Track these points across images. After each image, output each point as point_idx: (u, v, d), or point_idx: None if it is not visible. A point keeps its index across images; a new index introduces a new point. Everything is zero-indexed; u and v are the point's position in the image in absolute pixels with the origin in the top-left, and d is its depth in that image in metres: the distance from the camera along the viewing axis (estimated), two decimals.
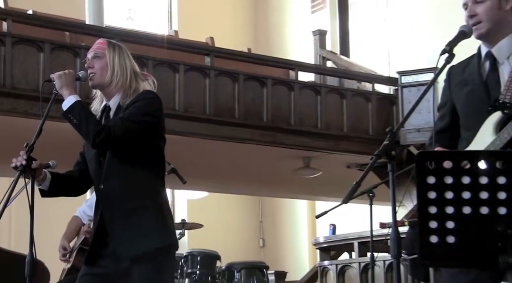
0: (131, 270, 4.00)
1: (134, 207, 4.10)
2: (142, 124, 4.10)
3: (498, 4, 3.66)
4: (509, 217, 2.63)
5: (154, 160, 4.24)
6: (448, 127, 3.88)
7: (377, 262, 8.72)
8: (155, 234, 4.10)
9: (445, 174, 2.65)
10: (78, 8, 11.65)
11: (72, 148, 9.73)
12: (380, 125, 11.33)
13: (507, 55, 3.67)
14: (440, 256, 2.76)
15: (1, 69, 8.78)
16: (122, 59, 4.27)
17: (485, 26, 3.67)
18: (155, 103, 4.24)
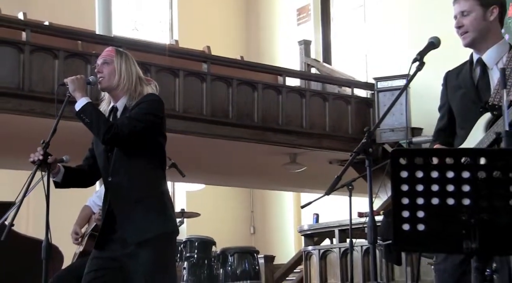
0: (137, 253, 4.01)
1: (139, 196, 4.12)
2: (146, 123, 4.12)
3: (482, 15, 3.71)
4: (472, 207, 2.63)
5: (156, 155, 4.26)
6: (447, 126, 3.92)
7: (356, 247, 8.72)
8: (158, 221, 4.11)
9: (416, 168, 2.65)
10: (89, 20, 11.62)
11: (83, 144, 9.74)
12: (359, 125, 11.35)
13: (496, 61, 3.71)
14: (411, 242, 2.76)
15: (20, 74, 8.77)
16: (128, 66, 4.29)
17: (471, 35, 3.72)
18: (158, 105, 4.25)
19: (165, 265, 4.14)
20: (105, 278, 4.12)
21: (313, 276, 9.74)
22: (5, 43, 8.77)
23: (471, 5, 3.71)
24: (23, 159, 9.24)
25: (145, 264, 4.02)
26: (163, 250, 4.10)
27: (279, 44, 15.77)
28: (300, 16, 15.30)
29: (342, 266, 9.30)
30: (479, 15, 3.71)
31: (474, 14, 3.71)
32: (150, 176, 4.21)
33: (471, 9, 3.71)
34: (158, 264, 4.06)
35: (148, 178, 4.20)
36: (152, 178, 4.22)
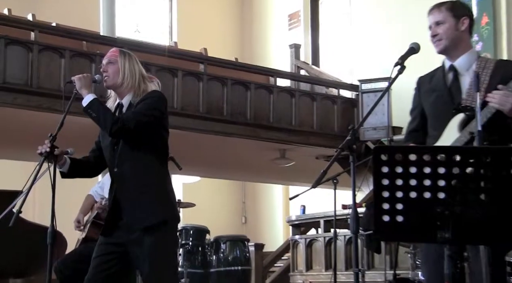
0: (141, 239, 4.04)
1: (142, 186, 4.14)
2: (150, 117, 4.13)
3: (455, 25, 3.78)
4: (446, 200, 2.65)
5: (159, 148, 4.27)
6: (419, 127, 3.96)
7: (339, 236, 8.76)
8: (160, 208, 4.13)
9: (396, 164, 2.66)
10: (93, 22, 11.60)
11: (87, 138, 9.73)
12: (344, 124, 11.37)
13: (467, 68, 3.78)
14: (391, 232, 2.77)
15: (29, 71, 8.76)
16: (132, 65, 4.30)
17: (444, 43, 3.79)
18: (161, 101, 4.27)
19: (167, 250, 4.16)
20: (111, 262, 4.14)
21: (299, 263, 9.77)
22: (15, 43, 8.75)
23: (444, 15, 3.79)
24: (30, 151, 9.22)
25: (149, 249, 4.04)
26: (165, 236, 4.11)
27: (271, 47, 15.77)
28: (291, 21, 15.31)
29: (327, 254, 9.34)
30: (452, 25, 3.78)
31: (448, 24, 3.78)
32: (153, 167, 4.22)
33: (444, 20, 3.79)
34: (161, 248, 4.07)
35: (151, 169, 4.21)
36: (155, 169, 4.23)
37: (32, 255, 6.57)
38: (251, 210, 17.02)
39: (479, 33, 10.44)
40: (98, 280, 4.17)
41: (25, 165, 8.94)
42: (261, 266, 10.52)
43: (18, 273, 6.57)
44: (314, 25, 15.00)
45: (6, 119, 9.23)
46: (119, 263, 4.15)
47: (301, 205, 13.23)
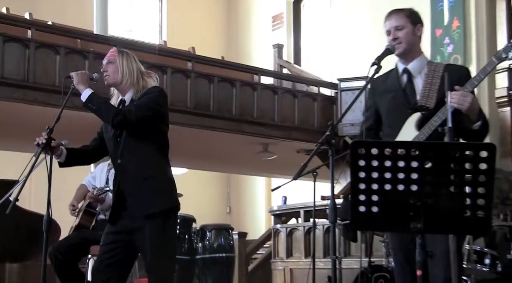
0: (144, 226, 4.11)
1: (145, 177, 4.18)
2: (150, 110, 4.20)
3: (412, 31, 3.90)
4: (419, 192, 2.67)
5: (160, 140, 4.34)
6: (374, 126, 4.00)
7: (318, 226, 8.78)
8: (161, 198, 4.19)
9: (372, 158, 2.68)
10: (87, 21, 11.56)
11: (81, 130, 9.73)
12: (323, 120, 11.39)
13: (419, 71, 3.87)
14: (366, 222, 2.79)
15: (25, 67, 8.72)
16: (130, 63, 4.36)
17: (403, 46, 3.88)
18: (161, 96, 4.38)
19: (167, 237, 4.21)
20: (117, 250, 4.20)
21: (280, 250, 9.79)
22: (12, 40, 8.70)
23: (404, 21, 3.90)
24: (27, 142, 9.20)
25: (150, 236, 4.10)
26: (165, 224, 4.17)
27: (255, 47, 15.77)
28: (274, 23, 15.32)
29: (306, 242, 9.36)
30: (410, 31, 3.89)
31: (407, 29, 3.89)
32: (154, 159, 4.27)
33: (404, 25, 3.89)
34: (161, 236, 4.14)
35: (152, 160, 4.26)
36: (156, 161, 4.28)
37: (28, 241, 6.55)
38: (235, 201, 17.03)
39: (450, 36, 10.49)
40: (105, 266, 4.22)
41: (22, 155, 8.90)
42: (244, 254, 10.54)
43: (15, 258, 6.54)
44: (296, 26, 15.02)
45: (4, 112, 9.19)
46: (124, 250, 4.21)
47: (282, 196, 13.29)
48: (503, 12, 9.85)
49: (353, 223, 2.82)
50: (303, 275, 8.67)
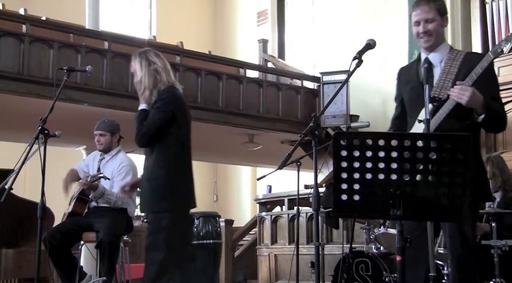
0: (150, 220, 4.54)
1: (152, 178, 4.53)
2: (160, 122, 4.50)
3: (441, 23, 3.77)
4: (398, 181, 2.67)
5: (172, 143, 4.59)
6: (401, 114, 3.97)
7: (302, 213, 8.80)
8: (161, 200, 4.49)
9: (354, 148, 2.68)
10: (80, 16, 11.49)
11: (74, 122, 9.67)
12: (306, 112, 11.40)
13: (440, 60, 3.75)
14: (348, 210, 2.80)
15: (20, 61, 8.66)
16: (143, 73, 4.66)
17: (433, 39, 3.76)
18: (170, 102, 4.57)
19: (159, 235, 4.46)
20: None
21: (265, 237, 9.79)
22: (8, 35, 8.64)
23: (434, 14, 3.74)
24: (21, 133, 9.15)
25: (148, 232, 4.51)
26: (160, 224, 4.47)
27: (241, 41, 15.74)
28: (259, 18, 15.28)
29: (290, 229, 9.36)
30: (439, 23, 3.77)
31: (436, 22, 3.75)
32: (164, 162, 4.51)
33: (434, 17, 3.75)
34: (153, 233, 4.50)
35: (161, 164, 4.49)
36: (165, 164, 4.51)
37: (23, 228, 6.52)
38: (222, 189, 17.03)
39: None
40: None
41: (16, 145, 8.87)
42: (230, 240, 10.54)
43: (10, 244, 6.51)
44: (280, 22, 14.99)
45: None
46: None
47: (267, 185, 13.29)
48: (477, 9, 9.87)
49: (335, 210, 2.83)
50: (287, 261, 8.70)
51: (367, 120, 9.88)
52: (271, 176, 5.26)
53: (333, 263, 6.58)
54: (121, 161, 6.22)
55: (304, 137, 3.75)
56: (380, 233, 5.95)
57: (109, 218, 5.93)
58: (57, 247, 5.77)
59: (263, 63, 13.51)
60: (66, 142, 10.26)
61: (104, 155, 6.32)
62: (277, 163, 4.19)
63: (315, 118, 3.67)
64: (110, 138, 6.28)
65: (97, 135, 6.29)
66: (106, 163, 6.27)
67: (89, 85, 9.17)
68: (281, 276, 9.38)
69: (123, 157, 6.29)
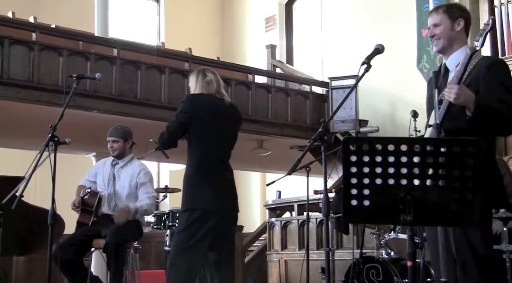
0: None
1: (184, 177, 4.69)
2: (176, 126, 4.68)
3: (451, 26, 3.77)
4: (408, 186, 2.66)
5: (192, 145, 4.71)
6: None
7: (311, 219, 8.78)
8: (184, 199, 4.63)
9: (363, 154, 2.67)
10: (89, 24, 11.54)
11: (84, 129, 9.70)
12: (315, 117, 11.39)
13: (456, 64, 3.73)
14: (358, 215, 2.79)
15: (30, 69, 8.70)
16: (191, 81, 4.98)
17: (442, 42, 3.78)
18: (186, 105, 4.70)
19: (179, 232, 4.59)
20: None
21: (275, 243, 9.78)
22: (18, 43, 8.69)
23: (441, 18, 3.79)
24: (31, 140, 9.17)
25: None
26: (181, 221, 4.65)
27: (249, 47, 15.75)
28: (267, 24, 15.30)
29: (300, 234, 9.35)
30: (448, 26, 3.77)
31: (444, 25, 3.78)
32: (189, 162, 4.68)
33: (441, 22, 3.79)
34: (177, 229, 4.72)
35: (188, 164, 4.68)
36: (188, 164, 4.68)
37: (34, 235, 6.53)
38: None
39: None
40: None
41: (27, 153, 8.89)
42: (240, 246, 10.53)
43: (21, 251, 6.52)
44: (288, 27, 15.00)
45: (10, 111, 9.17)
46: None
47: (277, 190, 13.28)
48: (486, 13, 9.85)
49: (346, 216, 2.81)
50: (297, 266, 8.68)
51: (376, 125, 9.88)
52: (280, 182, 5.25)
53: (344, 269, 6.56)
54: (141, 168, 6.27)
55: (314, 143, 3.74)
56: (391, 238, 5.92)
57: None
58: (67, 261, 5.76)
59: (271, 69, 13.51)
60: (76, 149, 10.29)
61: (118, 161, 6.33)
62: (286, 168, 4.18)
63: (324, 123, 3.67)
64: (123, 144, 6.30)
65: (110, 141, 6.30)
66: (120, 169, 6.29)
67: (98, 92, 9.20)
68: (291, 282, 9.36)
69: (140, 164, 6.33)
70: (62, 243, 5.99)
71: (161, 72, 9.94)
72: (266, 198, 14.05)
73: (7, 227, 4.77)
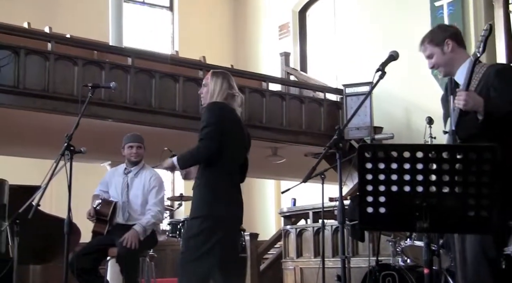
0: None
1: (196, 184, 4.63)
2: (205, 141, 4.57)
3: (441, 52, 3.82)
4: (424, 193, 2.66)
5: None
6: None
7: (327, 226, 8.75)
8: (195, 207, 4.57)
9: (379, 161, 2.67)
10: (104, 33, 11.60)
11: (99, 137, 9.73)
12: (330, 124, 11.38)
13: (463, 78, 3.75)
14: (374, 222, 2.78)
15: (45, 78, 8.76)
16: (216, 85, 4.71)
17: (442, 69, 3.86)
18: (210, 116, 4.62)
19: (190, 237, 4.53)
20: None
21: (290, 250, 9.76)
22: (33, 53, 8.75)
23: (429, 49, 3.87)
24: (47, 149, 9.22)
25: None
26: (191, 228, 4.55)
27: (263, 55, 15.76)
28: (281, 32, 15.31)
29: (315, 242, 9.33)
30: (439, 54, 3.83)
31: (435, 54, 3.84)
32: (203, 170, 4.62)
33: (431, 52, 3.86)
34: (186, 235, 4.66)
35: (202, 171, 4.62)
36: (202, 172, 4.62)
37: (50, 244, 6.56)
38: (246, 203, 16.74)
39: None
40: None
41: (43, 162, 8.94)
42: (255, 254, 10.52)
43: (38, 260, 6.55)
44: (302, 35, 15.01)
45: (25, 121, 9.23)
46: None
47: (292, 198, 13.22)
48: (501, 19, 9.82)
49: (361, 223, 2.81)
50: (313, 274, 8.66)
51: (391, 131, 9.87)
52: (295, 189, 5.25)
53: (359, 276, 6.54)
54: (151, 174, 6.30)
55: (328, 150, 3.74)
56: (407, 245, 5.90)
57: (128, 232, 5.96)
58: (84, 269, 5.78)
59: (285, 76, 13.52)
60: (91, 158, 10.33)
61: (131, 168, 6.35)
62: (301, 176, 4.18)
63: (339, 130, 3.66)
64: (143, 151, 6.37)
65: (135, 147, 6.32)
66: (134, 177, 6.31)
67: (113, 101, 9.24)
68: None
69: (151, 170, 6.37)
70: (78, 251, 6.02)
71: (175, 81, 9.97)
72: (281, 206, 14.02)
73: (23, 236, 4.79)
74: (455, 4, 10.53)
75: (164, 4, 16.24)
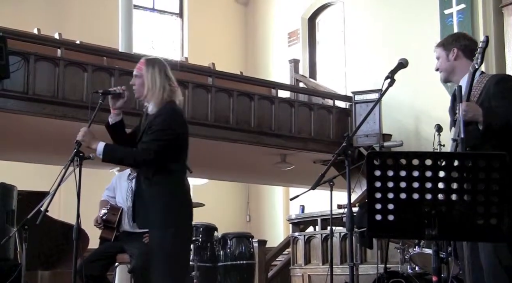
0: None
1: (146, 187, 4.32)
2: (164, 142, 4.33)
3: (446, 57, 3.98)
4: (433, 201, 2.65)
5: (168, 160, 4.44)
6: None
7: (335, 233, 8.75)
8: (167, 216, 4.34)
9: (387, 168, 2.67)
10: (113, 39, 11.62)
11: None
12: (339, 131, 11.36)
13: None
14: (383, 230, 2.77)
15: (55, 84, 8.79)
16: (153, 76, 4.33)
17: (442, 74, 4.02)
18: (172, 119, 4.39)
19: (177, 251, 4.29)
20: None
21: (299, 257, 9.75)
22: (43, 59, 8.79)
23: (439, 51, 4.03)
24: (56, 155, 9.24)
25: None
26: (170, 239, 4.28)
27: (272, 62, 15.78)
28: (290, 39, 15.32)
29: (323, 249, 9.32)
30: (444, 58, 3.98)
31: (441, 58, 4.00)
32: (169, 179, 4.46)
33: (439, 55, 4.02)
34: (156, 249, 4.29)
35: (165, 179, 4.43)
36: (168, 180, 4.48)
37: (58, 250, 6.58)
38: (254, 210, 17.00)
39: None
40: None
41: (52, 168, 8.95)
42: (264, 261, 10.50)
43: (46, 266, 6.56)
44: (311, 42, 15.02)
45: (35, 127, 9.26)
46: None
47: (300, 204, 13.20)
48: (510, 27, 9.79)
49: (370, 230, 2.80)
50: (321, 281, 8.63)
51: (400, 139, 9.84)
52: (304, 196, 5.23)
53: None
54: None
55: (337, 157, 3.74)
56: (415, 252, 5.88)
57: (143, 243, 5.89)
58: (92, 276, 5.77)
59: (294, 83, 13.52)
60: (100, 164, 10.32)
61: (135, 174, 6.34)
62: (309, 183, 4.17)
63: (347, 138, 3.67)
64: None
65: None
66: None
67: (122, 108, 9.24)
68: None
69: None
70: (86, 258, 6.02)
71: (185, 87, 9.98)
72: (289, 213, 14.00)
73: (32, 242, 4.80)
74: (465, 12, 10.52)
75: (174, 10, 16.28)
